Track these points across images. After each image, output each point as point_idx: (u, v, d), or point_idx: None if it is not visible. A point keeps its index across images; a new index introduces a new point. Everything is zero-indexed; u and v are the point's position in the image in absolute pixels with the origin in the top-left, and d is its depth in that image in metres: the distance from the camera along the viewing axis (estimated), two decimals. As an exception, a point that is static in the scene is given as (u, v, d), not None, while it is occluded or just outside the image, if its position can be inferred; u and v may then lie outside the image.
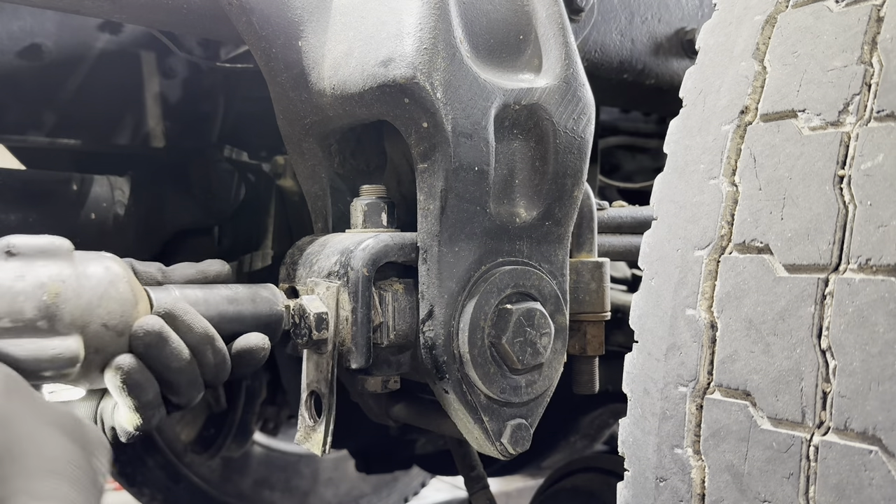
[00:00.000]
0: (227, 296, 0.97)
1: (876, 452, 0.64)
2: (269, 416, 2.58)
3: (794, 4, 0.81)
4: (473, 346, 1.00)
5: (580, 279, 1.15)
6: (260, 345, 0.95)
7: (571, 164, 1.06)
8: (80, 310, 0.83)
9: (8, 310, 0.79)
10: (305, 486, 2.84)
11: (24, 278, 0.81)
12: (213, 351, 0.92)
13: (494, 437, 1.04)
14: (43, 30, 1.46)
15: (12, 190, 1.38)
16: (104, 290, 0.86)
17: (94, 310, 0.84)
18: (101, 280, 0.86)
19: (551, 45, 1.06)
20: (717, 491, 0.75)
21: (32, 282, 0.81)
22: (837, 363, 0.67)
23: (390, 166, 1.16)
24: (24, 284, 0.81)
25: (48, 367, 0.81)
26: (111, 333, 0.86)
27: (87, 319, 0.84)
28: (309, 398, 1.03)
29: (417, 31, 0.96)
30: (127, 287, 0.88)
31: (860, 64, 0.72)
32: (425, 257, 1.00)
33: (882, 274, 0.66)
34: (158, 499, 2.53)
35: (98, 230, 1.45)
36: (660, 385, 0.82)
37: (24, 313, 0.80)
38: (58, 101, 1.56)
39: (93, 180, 1.48)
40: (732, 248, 0.78)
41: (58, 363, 0.82)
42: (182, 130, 1.73)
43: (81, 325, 0.83)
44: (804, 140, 0.74)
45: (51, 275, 0.83)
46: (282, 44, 1.07)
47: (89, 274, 0.86)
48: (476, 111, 0.99)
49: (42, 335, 0.81)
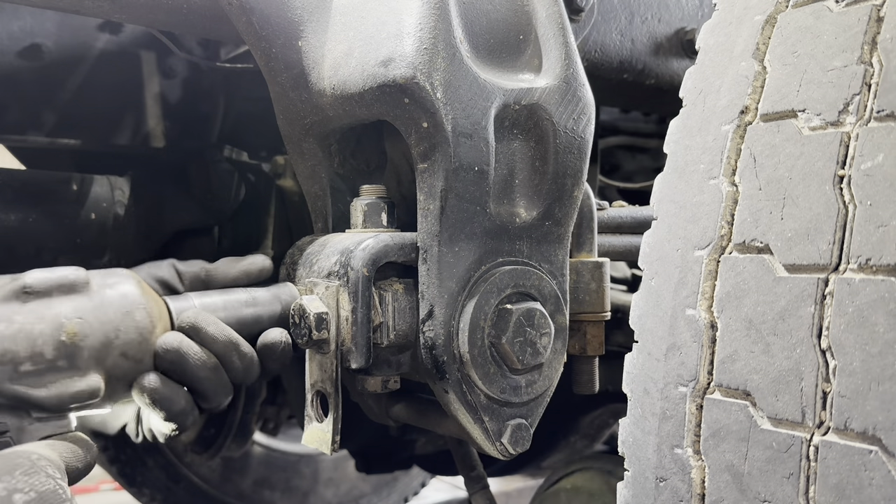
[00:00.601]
0: (245, 300, 1.00)
1: (876, 452, 0.64)
2: (269, 416, 2.58)
3: (794, 4, 0.81)
4: (473, 346, 1.00)
5: (580, 279, 1.15)
6: (279, 339, 0.98)
7: (571, 164, 1.06)
8: (98, 345, 0.85)
9: (29, 353, 0.81)
10: (305, 486, 2.84)
11: (42, 319, 0.82)
12: (238, 355, 0.96)
13: (494, 437, 1.04)
14: (43, 30, 1.46)
15: (12, 190, 1.38)
16: (121, 321, 0.87)
17: (112, 342, 0.86)
18: (119, 310, 0.88)
19: (551, 45, 1.06)
20: (717, 491, 0.75)
21: (51, 322, 0.83)
22: (837, 363, 0.67)
23: (390, 166, 1.16)
24: (42, 326, 0.82)
25: (70, 403, 0.83)
26: (130, 362, 0.88)
27: (105, 353, 0.86)
28: (315, 398, 1.04)
29: (417, 31, 0.96)
30: (144, 315, 0.89)
31: (860, 64, 0.72)
32: (425, 257, 1.00)
33: (882, 274, 0.66)
34: (158, 499, 2.53)
35: (98, 230, 1.45)
36: (660, 385, 0.82)
37: (45, 355, 0.82)
38: (58, 101, 1.56)
39: (93, 180, 1.47)
40: (732, 248, 0.78)
41: (80, 398, 0.84)
42: (182, 130, 1.73)
43: (100, 359, 0.85)
44: (804, 140, 0.74)
45: (68, 313, 0.84)
46: (282, 44, 1.07)
47: (106, 304, 0.87)
48: (476, 111, 0.99)
49: (63, 373, 0.83)
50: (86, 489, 4.13)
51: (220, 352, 0.95)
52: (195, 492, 2.58)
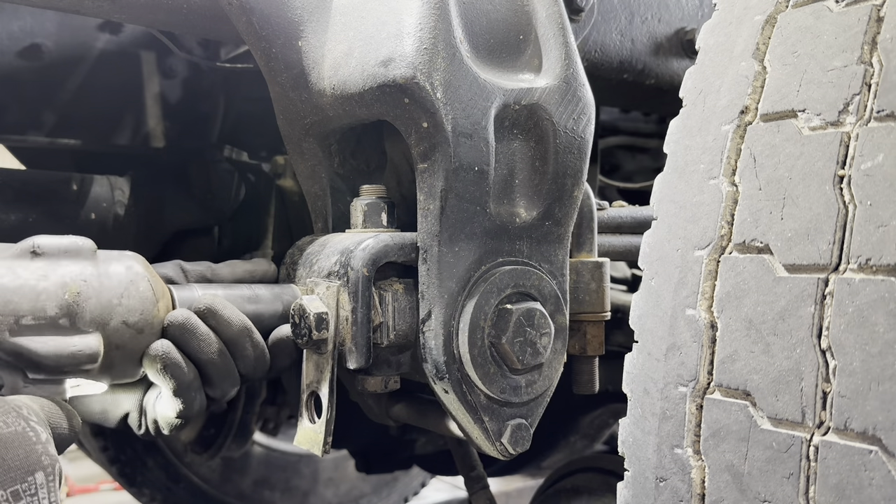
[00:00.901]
0: (247, 296, 1.00)
1: (876, 452, 0.64)
2: (269, 416, 2.58)
3: (794, 4, 0.81)
4: (473, 346, 1.00)
5: (580, 279, 1.15)
6: (290, 335, 0.99)
7: (571, 164, 1.06)
8: (100, 308, 0.87)
9: (31, 307, 0.83)
10: (305, 486, 2.84)
11: (47, 277, 0.85)
12: (251, 343, 0.96)
13: (494, 437, 1.04)
14: (43, 30, 1.47)
15: (12, 190, 1.38)
16: (125, 288, 0.89)
17: (115, 308, 0.88)
18: (122, 279, 0.89)
19: (551, 45, 1.06)
20: (717, 491, 0.75)
21: (55, 281, 0.85)
22: (837, 363, 0.67)
23: (390, 166, 1.16)
24: (46, 283, 0.84)
25: (68, 363, 0.84)
26: (131, 331, 0.89)
27: (107, 317, 0.87)
28: (309, 398, 1.03)
29: (417, 31, 0.96)
30: (147, 286, 0.91)
31: (860, 64, 0.72)
32: (425, 257, 1.00)
33: (882, 274, 0.66)
34: (158, 499, 2.53)
35: (98, 230, 1.45)
36: (660, 385, 0.82)
37: (47, 311, 0.83)
38: (58, 101, 1.56)
39: (93, 180, 1.48)
40: (732, 248, 0.78)
41: (78, 359, 0.85)
42: (182, 130, 1.73)
43: (102, 323, 0.87)
44: (804, 140, 0.74)
45: (73, 274, 0.86)
46: (282, 44, 1.07)
47: (111, 273, 0.89)
48: (476, 111, 0.99)
49: (63, 332, 0.84)
50: (86, 489, 4.13)
51: (233, 336, 0.94)
52: (195, 492, 2.58)
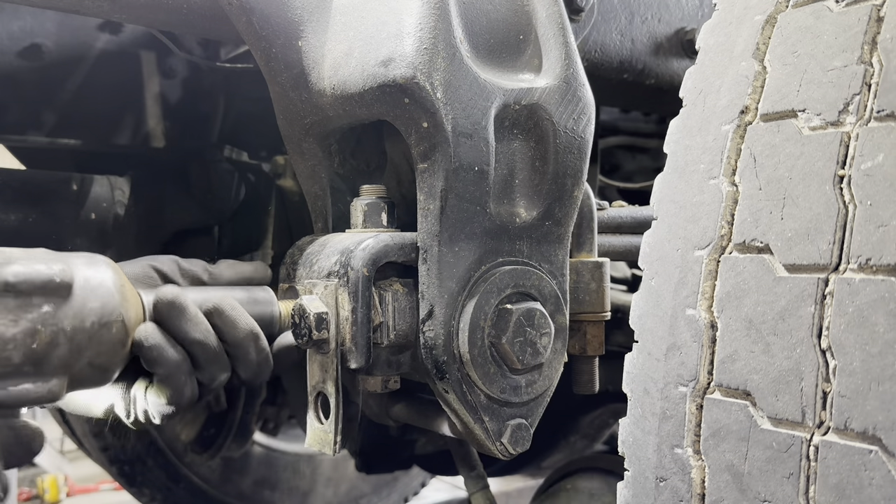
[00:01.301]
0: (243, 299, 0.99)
1: (876, 452, 0.64)
2: (269, 416, 2.58)
3: (794, 4, 0.81)
4: (473, 346, 1.00)
5: (580, 279, 1.15)
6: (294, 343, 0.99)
7: (571, 164, 1.06)
8: (68, 353, 0.83)
9: None
10: (305, 486, 2.84)
11: (17, 323, 0.80)
12: (256, 349, 0.95)
13: (495, 437, 1.04)
14: (43, 30, 1.47)
15: (12, 190, 1.38)
16: (96, 332, 0.85)
17: (83, 352, 0.84)
18: (95, 322, 0.85)
19: (551, 45, 1.06)
20: (717, 491, 0.75)
21: (24, 328, 0.80)
22: (837, 363, 0.67)
23: (390, 166, 1.16)
24: (16, 331, 0.79)
25: (27, 405, 0.82)
26: (96, 372, 0.86)
27: (74, 361, 0.84)
28: (316, 399, 1.03)
29: (417, 31, 0.96)
30: (121, 328, 0.87)
31: (860, 64, 0.72)
32: (425, 257, 1.00)
33: (882, 274, 0.66)
34: (158, 499, 2.53)
35: (98, 230, 1.45)
36: (660, 385, 0.82)
37: (12, 360, 0.79)
38: (58, 101, 1.56)
39: (93, 180, 1.48)
40: (732, 247, 0.78)
41: (38, 401, 0.82)
42: (182, 130, 1.73)
43: (68, 367, 0.83)
44: (804, 140, 0.74)
45: (45, 319, 0.81)
46: (282, 44, 1.07)
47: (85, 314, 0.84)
48: (476, 111, 0.99)
49: (26, 378, 0.81)
50: (86, 489, 4.14)
51: (239, 340, 0.93)
52: (195, 492, 2.58)
